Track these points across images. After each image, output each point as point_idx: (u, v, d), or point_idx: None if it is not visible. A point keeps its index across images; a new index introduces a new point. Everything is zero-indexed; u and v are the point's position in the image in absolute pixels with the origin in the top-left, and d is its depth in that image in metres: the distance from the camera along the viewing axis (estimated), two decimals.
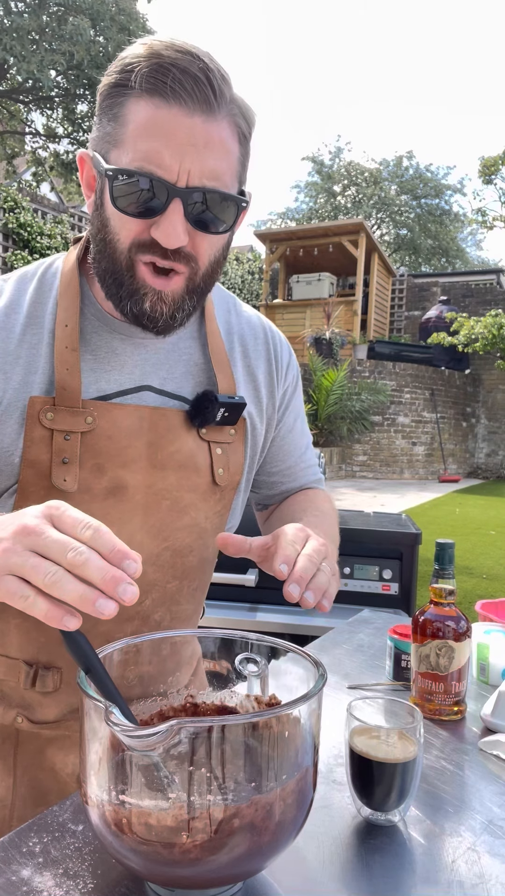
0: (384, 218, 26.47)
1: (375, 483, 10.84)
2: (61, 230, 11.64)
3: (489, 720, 0.97)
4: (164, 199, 0.69)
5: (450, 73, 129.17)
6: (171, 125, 0.67)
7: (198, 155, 0.69)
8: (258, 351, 0.97)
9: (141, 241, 0.73)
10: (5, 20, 11.33)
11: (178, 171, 0.69)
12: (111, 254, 0.75)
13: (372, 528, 2.83)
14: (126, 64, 0.69)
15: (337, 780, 0.83)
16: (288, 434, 1.03)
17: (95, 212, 0.76)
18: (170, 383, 0.87)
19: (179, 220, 0.70)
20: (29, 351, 0.81)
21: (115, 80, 0.70)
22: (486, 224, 15.81)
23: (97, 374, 0.83)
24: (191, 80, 0.67)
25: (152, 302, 0.75)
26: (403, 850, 0.71)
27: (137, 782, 0.57)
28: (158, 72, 0.67)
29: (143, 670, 0.73)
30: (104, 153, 0.72)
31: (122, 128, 0.69)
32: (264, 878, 0.66)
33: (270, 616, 2.65)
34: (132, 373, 0.85)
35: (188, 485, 0.87)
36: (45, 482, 0.78)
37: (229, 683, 0.77)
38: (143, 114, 0.68)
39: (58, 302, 0.83)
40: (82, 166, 0.77)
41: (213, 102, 0.69)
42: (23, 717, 0.89)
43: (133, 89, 0.68)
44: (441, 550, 1.01)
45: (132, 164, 0.69)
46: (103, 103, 0.72)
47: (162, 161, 0.68)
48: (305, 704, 0.60)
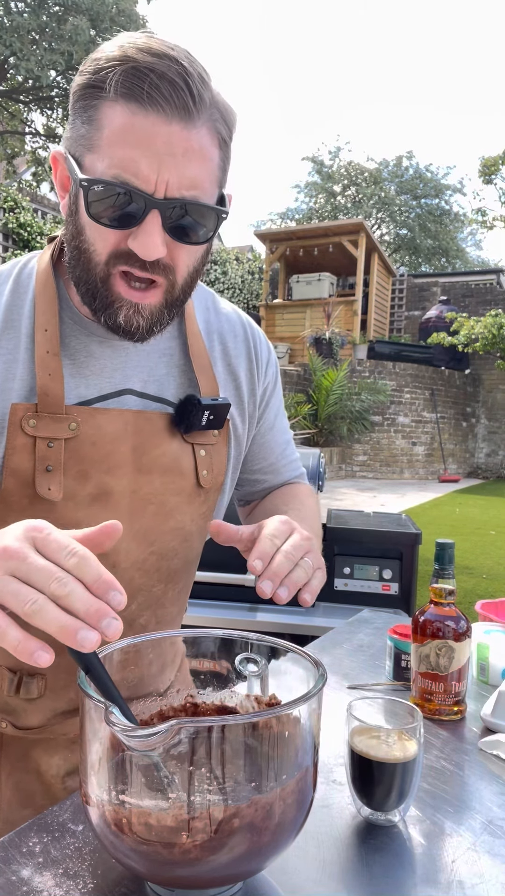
0: (384, 218, 26.48)
1: (375, 483, 10.84)
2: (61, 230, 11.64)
3: (489, 720, 0.97)
4: (142, 210, 0.67)
5: (450, 73, 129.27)
6: (148, 133, 0.64)
7: (176, 164, 0.66)
8: (238, 349, 0.95)
9: (118, 251, 0.70)
10: (5, 19, 11.33)
11: (156, 182, 0.66)
12: (86, 263, 0.72)
13: (372, 528, 2.83)
14: (100, 66, 0.66)
15: (337, 780, 0.83)
16: (269, 431, 1.02)
17: (70, 217, 0.73)
18: (151, 385, 0.85)
19: (157, 232, 0.68)
20: (5, 357, 0.78)
21: (88, 80, 0.67)
22: (486, 224, 15.80)
23: (76, 379, 0.80)
24: (168, 86, 0.64)
25: (127, 315, 0.73)
26: (403, 850, 0.71)
27: (137, 782, 0.57)
28: (135, 76, 0.64)
29: (144, 670, 0.73)
30: (78, 156, 0.69)
31: (96, 132, 0.66)
32: (264, 878, 0.66)
33: (270, 616, 2.65)
34: (112, 377, 0.82)
35: (173, 488, 0.86)
36: (29, 490, 0.76)
37: (229, 683, 0.77)
38: (118, 120, 0.65)
39: (35, 305, 0.80)
40: (56, 165, 0.74)
41: (192, 108, 0.66)
42: (7, 722, 0.88)
43: (108, 93, 0.65)
44: (441, 550, 1.01)
45: (108, 172, 0.66)
46: (76, 104, 0.69)
47: (139, 171, 0.65)
48: (305, 704, 0.60)
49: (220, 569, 2.63)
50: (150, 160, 0.65)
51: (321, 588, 0.74)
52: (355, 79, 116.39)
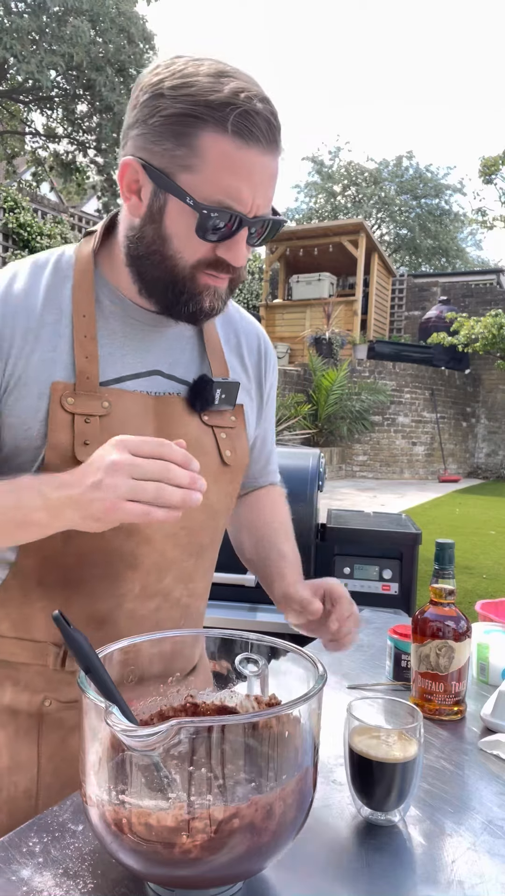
0: (384, 218, 26.48)
1: (375, 483, 10.84)
2: (61, 230, 11.63)
3: (489, 720, 0.97)
4: (236, 228, 0.79)
5: (450, 73, 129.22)
6: (250, 165, 0.76)
7: (265, 188, 0.79)
8: (252, 346, 1.06)
9: (207, 260, 0.81)
10: (5, 20, 11.32)
11: (251, 205, 0.78)
12: (171, 268, 0.82)
13: (372, 528, 2.83)
14: (208, 101, 0.74)
15: (337, 780, 0.83)
16: (269, 427, 1.13)
17: (150, 224, 0.81)
18: (178, 368, 0.94)
19: (244, 244, 0.81)
20: (49, 330, 0.86)
21: (189, 110, 0.75)
22: (486, 224, 15.80)
23: (113, 357, 0.89)
24: (265, 125, 0.76)
25: (211, 300, 0.85)
26: (403, 850, 0.71)
27: (137, 782, 0.57)
28: (247, 119, 0.75)
29: (144, 670, 0.74)
30: (170, 173, 0.78)
31: (197, 158, 0.76)
32: (264, 878, 0.66)
33: (270, 616, 2.65)
34: (144, 358, 0.91)
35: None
36: (68, 465, 0.82)
37: (229, 683, 0.77)
38: (226, 152, 0.75)
39: (73, 291, 0.88)
40: (126, 170, 0.81)
41: (278, 141, 0.79)
42: (51, 699, 0.90)
43: (214, 126, 0.75)
44: (441, 550, 1.01)
45: (213, 196, 0.77)
46: (167, 126, 0.77)
47: (241, 197, 0.77)
48: (305, 704, 0.60)
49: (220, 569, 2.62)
50: (249, 188, 0.77)
51: None
52: (355, 79, 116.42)
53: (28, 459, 0.85)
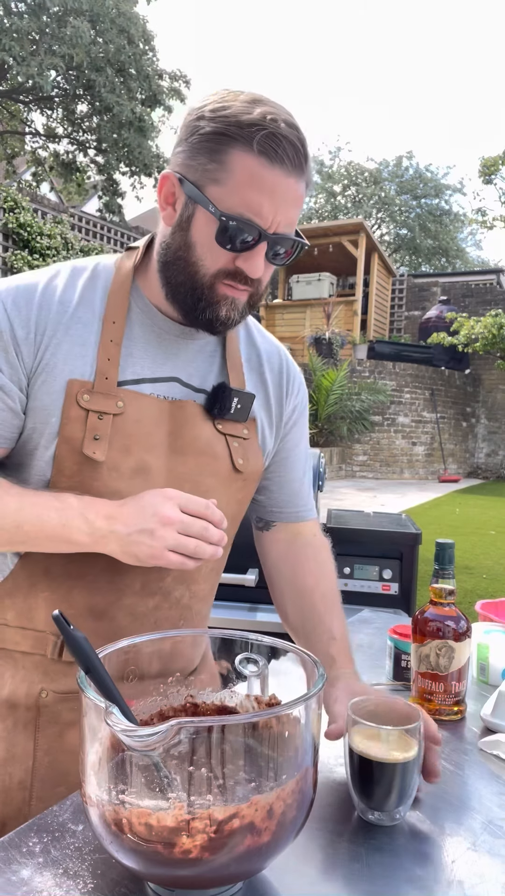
0: (384, 218, 26.48)
1: (375, 483, 10.84)
2: (61, 230, 11.62)
3: (489, 720, 0.97)
4: (256, 240, 0.84)
5: (450, 73, 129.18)
6: (273, 184, 0.82)
7: (286, 208, 0.84)
8: (273, 365, 1.08)
9: (226, 269, 0.86)
10: (5, 20, 11.32)
11: (272, 221, 0.83)
12: (193, 274, 0.87)
13: (372, 528, 2.83)
14: (239, 122, 0.81)
15: (337, 780, 0.83)
16: (292, 450, 1.11)
17: (179, 231, 0.87)
18: (195, 379, 0.97)
19: (262, 257, 0.86)
20: (80, 328, 0.90)
21: (222, 129, 0.82)
22: (486, 224, 15.80)
23: (134, 359, 0.93)
24: (292, 150, 0.82)
25: (228, 310, 0.89)
26: (403, 850, 0.71)
27: (137, 782, 0.57)
28: (272, 140, 0.80)
29: (144, 670, 0.74)
30: (200, 184, 0.84)
31: (225, 172, 0.82)
32: (264, 878, 0.66)
33: (270, 616, 2.64)
34: (164, 364, 0.95)
35: (209, 470, 0.95)
36: (79, 457, 0.88)
37: (229, 683, 0.77)
38: (251, 169, 0.81)
39: (108, 297, 0.93)
40: (164, 183, 0.88)
41: (303, 166, 0.84)
42: (48, 691, 0.91)
43: (243, 144, 0.81)
44: (441, 550, 1.01)
45: (235, 207, 0.82)
46: (203, 144, 0.83)
47: (262, 211, 0.82)
48: (305, 704, 0.60)
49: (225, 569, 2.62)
50: (270, 205, 0.82)
51: None
52: (355, 79, 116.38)
53: (42, 446, 0.89)
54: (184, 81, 14.26)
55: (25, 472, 0.91)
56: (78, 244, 11.84)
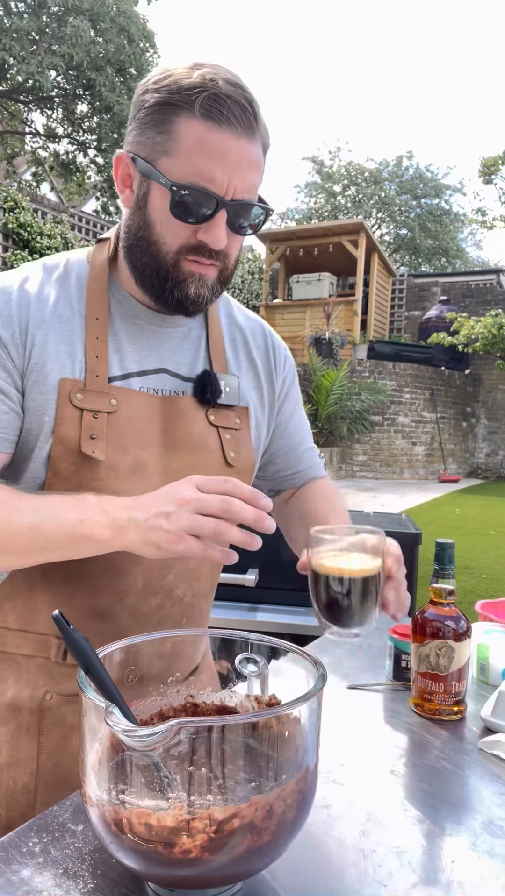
0: (384, 218, 26.47)
1: (375, 483, 10.84)
2: (61, 230, 11.63)
3: (489, 720, 0.97)
4: (213, 209, 0.81)
5: (450, 73, 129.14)
6: (224, 147, 0.78)
7: (242, 173, 0.81)
8: (258, 342, 1.07)
9: (189, 244, 0.84)
10: (5, 20, 11.31)
11: (227, 186, 0.80)
12: (155, 253, 0.85)
13: None
14: (180, 87, 0.78)
15: (337, 780, 0.83)
16: (288, 420, 1.12)
17: (137, 212, 0.85)
18: (184, 367, 0.96)
19: (223, 227, 0.82)
20: (62, 325, 0.88)
21: (165, 98, 0.79)
22: (486, 224, 15.80)
23: (120, 353, 0.91)
24: (239, 109, 0.79)
25: (196, 287, 0.87)
26: (403, 849, 0.71)
27: (137, 782, 0.57)
28: (215, 101, 0.78)
29: (144, 670, 0.74)
30: (151, 160, 0.81)
31: (173, 142, 0.79)
32: (264, 878, 0.66)
33: (270, 616, 2.64)
34: (150, 356, 0.94)
35: (203, 465, 0.94)
36: (76, 458, 0.86)
37: (229, 683, 0.77)
38: (198, 134, 0.78)
39: (86, 294, 0.91)
40: (119, 165, 0.86)
41: (254, 127, 0.81)
42: (52, 693, 0.91)
43: (186, 110, 0.78)
44: (441, 550, 1.01)
45: (187, 177, 0.79)
46: (150, 116, 0.81)
47: (214, 177, 0.79)
48: (305, 704, 0.60)
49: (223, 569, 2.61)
50: (224, 170, 0.79)
51: None
52: (355, 79, 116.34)
53: (38, 447, 0.87)
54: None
55: (20, 476, 0.89)
56: (78, 244, 11.85)
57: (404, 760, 0.89)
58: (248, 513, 0.71)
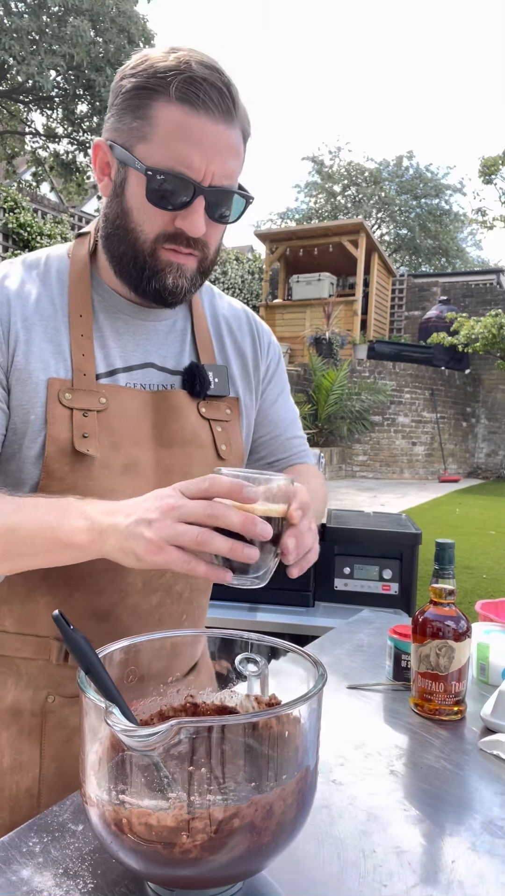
0: (384, 218, 26.47)
1: (375, 483, 10.84)
2: (61, 230, 11.62)
3: (489, 720, 0.97)
4: (191, 196, 0.79)
5: (450, 73, 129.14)
6: (200, 132, 0.77)
7: (221, 159, 0.79)
8: (243, 329, 1.06)
9: (166, 232, 0.82)
10: (5, 20, 11.31)
11: (205, 172, 0.78)
12: (133, 241, 0.83)
13: (372, 528, 2.83)
14: (156, 70, 0.77)
15: (337, 780, 0.83)
16: (272, 406, 1.10)
17: (114, 198, 0.84)
18: (170, 360, 0.95)
19: (202, 214, 0.80)
20: (46, 323, 0.87)
21: (142, 82, 0.77)
22: (486, 224, 15.80)
23: (105, 350, 0.90)
24: (216, 93, 0.77)
25: (175, 277, 0.85)
26: (403, 850, 0.71)
27: (137, 782, 0.57)
28: (191, 84, 0.75)
29: (144, 670, 0.74)
30: (128, 146, 0.79)
31: (150, 127, 0.77)
32: (264, 878, 0.66)
33: (270, 616, 2.64)
34: (135, 351, 0.93)
35: (196, 460, 0.93)
36: (69, 458, 0.85)
37: (229, 683, 0.77)
38: (174, 119, 0.76)
39: (69, 290, 0.89)
40: (97, 152, 0.84)
41: (232, 112, 0.79)
42: (54, 695, 0.90)
43: (162, 94, 0.76)
44: (441, 550, 1.01)
45: (164, 162, 0.77)
46: (127, 101, 0.79)
47: (192, 163, 0.77)
48: (305, 704, 0.60)
49: None
50: (201, 155, 0.77)
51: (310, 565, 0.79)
52: (355, 79, 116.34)
53: (29, 446, 0.86)
54: None
55: (10, 477, 0.88)
56: None
57: (404, 760, 0.89)
58: (235, 518, 0.63)
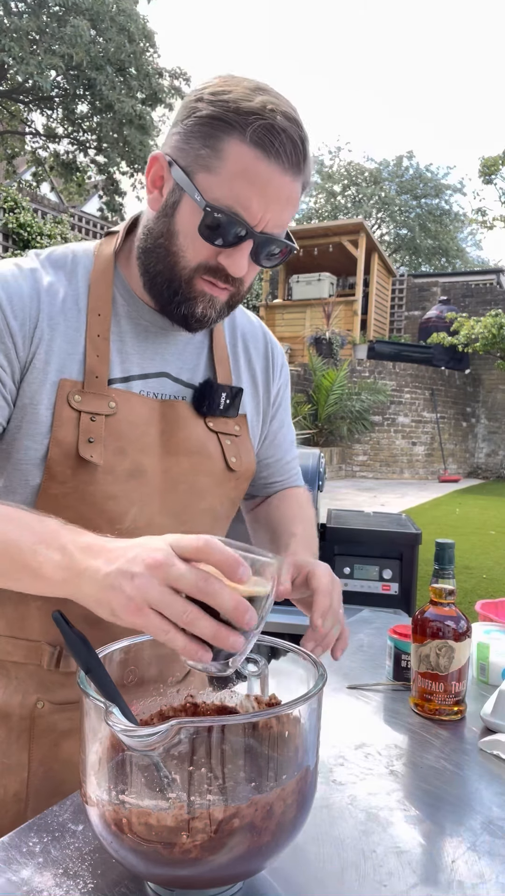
0: (384, 218, 26.48)
1: (375, 483, 10.84)
2: (61, 230, 11.62)
3: (489, 720, 0.97)
4: (241, 237, 0.79)
5: (450, 73, 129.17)
6: (266, 179, 0.77)
7: (278, 208, 0.80)
8: (258, 349, 1.06)
9: (207, 264, 0.82)
10: (5, 20, 11.31)
11: (260, 218, 0.79)
12: (172, 265, 0.83)
13: (372, 528, 2.83)
14: (238, 107, 0.77)
15: (337, 780, 0.83)
16: (279, 430, 1.11)
17: (163, 218, 0.83)
18: (185, 373, 0.95)
19: (246, 256, 0.81)
20: (68, 324, 0.87)
21: (220, 114, 0.77)
22: (486, 224, 15.80)
23: (122, 355, 0.90)
24: (291, 145, 0.77)
25: (205, 307, 0.85)
26: (402, 850, 0.71)
27: (137, 782, 0.57)
28: (270, 131, 0.76)
29: (144, 670, 0.73)
30: (190, 171, 0.80)
31: (218, 160, 0.78)
32: (264, 878, 0.66)
33: (271, 616, 2.63)
34: (153, 359, 0.92)
35: (203, 469, 0.93)
36: (72, 462, 0.84)
37: (229, 683, 0.77)
38: (245, 160, 0.77)
39: (90, 288, 0.89)
40: (153, 164, 0.84)
41: (301, 165, 0.80)
42: (44, 701, 0.89)
43: (239, 133, 0.76)
44: (441, 550, 1.01)
45: (224, 199, 0.78)
46: (199, 127, 0.79)
47: (250, 206, 0.78)
48: (305, 704, 0.60)
49: None
50: (261, 201, 0.78)
51: None
52: (355, 79, 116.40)
53: (25, 446, 0.84)
54: (184, 79, 14.26)
55: (12, 478, 0.86)
56: None
57: (404, 760, 0.89)
58: (227, 601, 0.56)
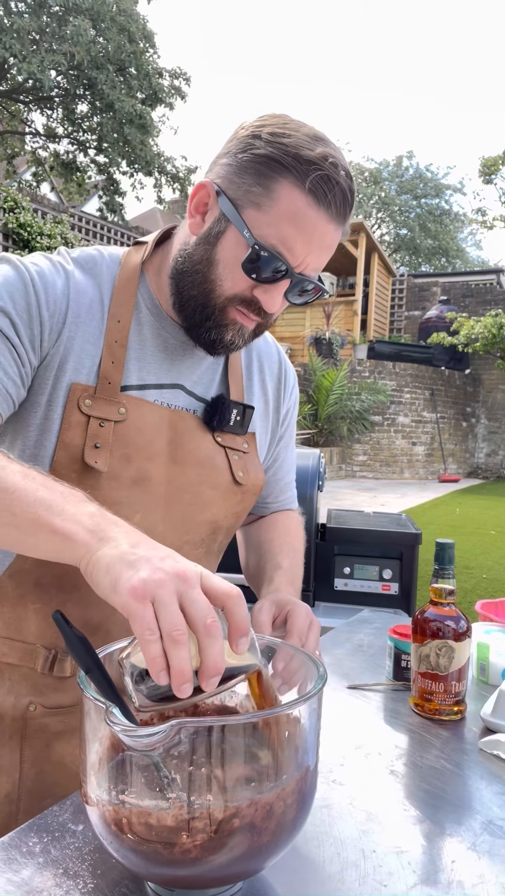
0: (384, 218, 26.49)
1: (375, 483, 10.84)
2: (61, 230, 11.61)
3: (489, 720, 0.97)
4: (280, 276, 0.82)
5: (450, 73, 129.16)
6: (314, 225, 0.80)
7: (319, 253, 0.83)
8: (272, 369, 1.08)
9: (242, 296, 0.84)
10: (5, 20, 11.31)
11: (301, 260, 0.82)
12: (208, 292, 0.85)
13: (372, 528, 2.83)
14: (298, 154, 0.78)
15: (337, 780, 0.83)
16: (285, 449, 1.13)
17: (204, 245, 0.85)
18: (199, 387, 0.96)
19: (282, 293, 0.84)
20: (89, 323, 0.87)
21: (278, 156, 0.79)
22: (486, 224, 15.82)
23: (140, 363, 0.90)
24: (341, 197, 0.80)
25: (233, 335, 0.88)
26: (403, 850, 0.71)
27: (137, 782, 0.57)
28: (326, 182, 0.79)
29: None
30: (239, 205, 0.81)
31: (269, 200, 0.80)
32: (264, 878, 0.66)
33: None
34: (169, 370, 0.93)
35: (209, 482, 0.94)
36: (78, 466, 0.84)
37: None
38: (297, 205, 0.79)
39: (113, 294, 0.90)
40: (199, 190, 0.85)
41: (346, 217, 0.83)
42: (36, 704, 0.89)
43: (295, 178, 0.78)
44: (441, 550, 1.01)
45: (269, 238, 0.80)
46: (253, 164, 0.81)
47: (294, 248, 0.81)
48: (305, 704, 0.60)
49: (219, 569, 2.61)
50: (305, 245, 0.81)
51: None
52: (355, 78, 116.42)
53: (47, 446, 0.84)
54: (184, 79, 14.25)
55: None
56: (78, 244, 11.84)
57: (404, 760, 0.89)
58: (214, 655, 0.54)
